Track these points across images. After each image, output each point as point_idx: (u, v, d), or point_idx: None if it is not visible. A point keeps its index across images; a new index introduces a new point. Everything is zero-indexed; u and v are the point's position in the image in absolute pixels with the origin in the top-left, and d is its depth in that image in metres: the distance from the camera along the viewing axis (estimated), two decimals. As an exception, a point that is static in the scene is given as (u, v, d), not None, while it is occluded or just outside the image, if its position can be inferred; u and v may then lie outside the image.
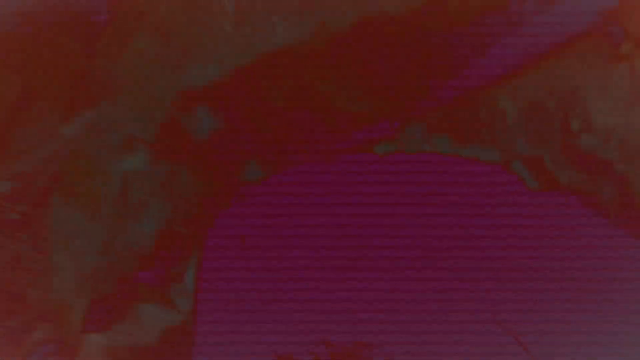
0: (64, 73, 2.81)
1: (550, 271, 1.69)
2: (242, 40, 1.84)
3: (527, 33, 1.58)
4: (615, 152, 1.50)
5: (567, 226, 1.61)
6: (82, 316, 1.97)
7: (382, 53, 1.67)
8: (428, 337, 2.02)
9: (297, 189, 2.28)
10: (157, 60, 2.19)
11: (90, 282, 2.06)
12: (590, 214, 1.59)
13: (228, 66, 1.88)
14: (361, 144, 2.03)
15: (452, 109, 1.73)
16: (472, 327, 1.97)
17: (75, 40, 2.88)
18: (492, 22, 1.54)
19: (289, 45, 1.76)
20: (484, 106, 1.66)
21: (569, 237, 1.61)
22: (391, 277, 2.05)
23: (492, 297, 1.93)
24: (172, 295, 2.43)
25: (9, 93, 2.67)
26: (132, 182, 2.11)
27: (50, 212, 2.36)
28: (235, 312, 2.40)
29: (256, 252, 2.46)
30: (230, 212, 2.49)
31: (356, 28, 1.62)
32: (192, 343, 2.35)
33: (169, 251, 2.39)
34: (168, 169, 2.25)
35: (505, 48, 1.61)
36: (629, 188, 1.52)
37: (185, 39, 2.04)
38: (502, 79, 1.66)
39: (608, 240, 1.57)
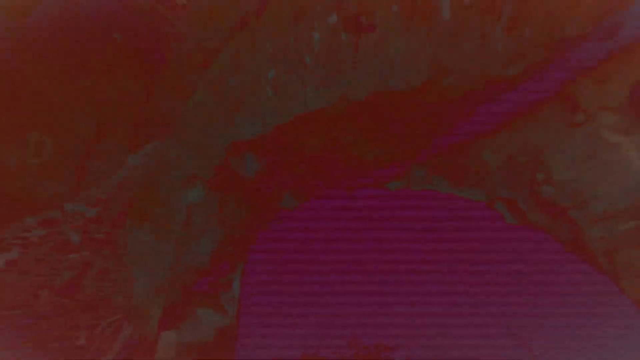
0: (127, 111, 3.42)
1: (520, 278, 2.13)
2: (281, 104, 2.35)
3: (503, 100, 2.01)
4: (569, 201, 1.92)
5: (535, 250, 2.04)
6: (157, 318, 2.49)
7: (391, 116, 2.15)
8: (429, 330, 2.47)
9: (325, 214, 2.79)
10: (213, 112, 2.72)
11: (162, 291, 2.60)
12: (551, 243, 2.02)
13: (270, 123, 2.38)
14: (377, 181, 2.52)
15: (448, 158, 2.20)
16: (469, 321, 2.42)
17: (135, 80, 3.50)
18: (473, 95, 1.98)
19: (318, 109, 2.25)
20: (471, 157, 2.11)
21: (537, 258, 2.05)
22: (407, 287, 2.52)
23: (487, 298, 2.38)
24: (222, 301, 2.95)
25: (86, 130, 3.29)
26: (194, 212, 2.63)
27: (126, 233, 2.91)
28: (270, 315, 2.96)
29: (290, 265, 2.97)
30: (269, 233, 3.00)
31: (370, 97, 2.10)
32: (236, 339, 2.88)
33: (220, 266, 2.90)
34: (220, 201, 2.75)
35: (486, 114, 2.05)
36: (579, 227, 1.94)
37: (236, 99, 2.56)
38: (485, 137, 2.11)
39: (564, 262, 2.00)
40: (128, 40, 3.63)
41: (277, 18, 2.55)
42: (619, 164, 1.79)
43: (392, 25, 2.02)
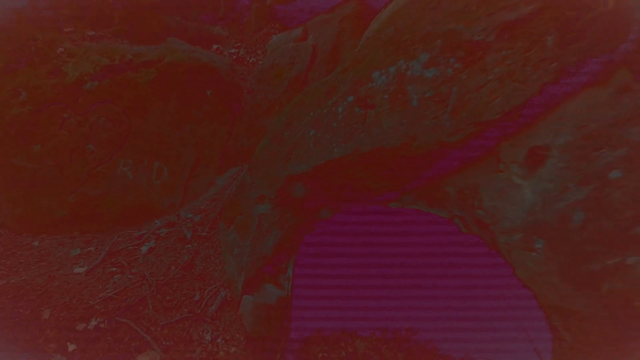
0: (216, 146, 4.87)
1: (468, 271, 3.26)
2: (318, 152, 3.63)
3: (451, 158, 3.16)
4: (490, 220, 3.03)
5: (474, 245, 3.16)
6: (241, 287, 3.89)
7: (387, 162, 3.38)
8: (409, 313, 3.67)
9: (349, 221, 4.04)
10: (276, 153, 4.05)
11: (243, 271, 3.99)
12: (482, 245, 3.15)
13: (312, 164, 3.67)
14: (382, 201, 3.75)
15: (424, 189, 3.39)
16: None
17: (221, 123, 4.95)
18: (433, 152, 3.14)
19: (341, 156, 3.51)
20: (438, 189, 3.28)
21: (474, 252, 3.17)
22: (409, 281, 3.70)
23: (458, 293, 3.54)
24: (280, 280, 4.31)
25: (188, 160, 4.78)
26: (263, 219, 4.00)
27: (219, 232, 4.33)
28: (315, 292, 4.32)
29: (326, 258, 4.25)
30: (312, 235, 4.31)
31: (373, 150, 3.34)
32: (290, 307, 4.21)
33: (279, 256, 4.26)
34: (280, 213, 4.10)
35: (444, 163, 3.21)
36: (494, 235, 3.05)
37: (290, 146, 3.87)
38: (445, 178, 3.29)
39: (487, 255, 3.12)
40: (216, 94, 5.10)
41: (315, 94, 3.85)
42: (519, 198, 2.90)
43: (384, 106, 3.26)
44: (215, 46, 5.78)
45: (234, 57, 5.67)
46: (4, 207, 4.41)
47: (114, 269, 3.88)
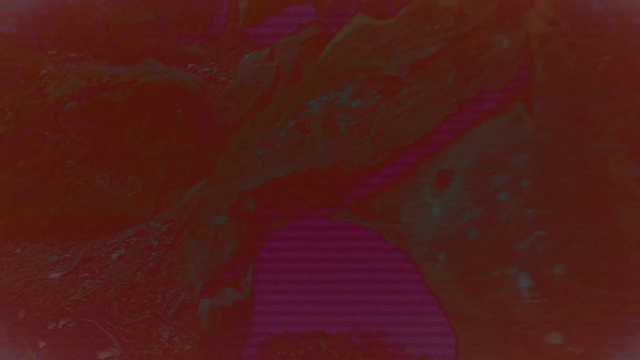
0: (186, 161, 5.29)
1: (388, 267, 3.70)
2: (265, 171, 4.03)
3: (377, 178, 3.58)
4: (407, 233, 3.43)
5: (392, 250, 3.60)
6: (200, 290, 4.31)
7: (325, 181, 3.77)
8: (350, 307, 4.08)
9: (300, 232, 4.44)
10: (231, 169, 4.46)
11: (202, 276, 4.40)
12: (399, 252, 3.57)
13: (259, 182, 4.07)
14: (327, 214, 4.15)
15: (356, 205, 3.80)
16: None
17: (191, 140, 5.38)
18: (357, 174, 3.55)
19: (283, 175, 3.90)
20: (367, 207, 3.69)
21: (394, 257, 3.60)
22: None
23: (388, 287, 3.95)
24: (241, 285, 4.73)
25: (161, 174, 5.20)
26: (220, 230, 4.42)
27: (184, 241, 4.74)
28: (275, 296, 4.73)
29: (280, 264, 4.65)
30: (268, 243, 4.73)
31: (310, 170, 3.73)
32: (251, 308, 4.61)
33: (237, 263, 4.68)
34: (236, 224, 4.53)
35: (369, 186, 3.63)
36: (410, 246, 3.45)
37: (244, 163, 4.28)
38: (370, 197, 3.70)
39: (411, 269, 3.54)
40: (186, 113, 5.52)
41: (266, 117, 4.27)
42: (429, 215, 3.29)
43: (318, 132, 3.66)
44: (190, 65, 6.22)
45: (207, 75, 6.10)
46: (-10, 218, 4.87)
47: (85, 274, 4.32)
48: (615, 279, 2.71)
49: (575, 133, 2.95)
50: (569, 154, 2.91)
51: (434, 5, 3.55)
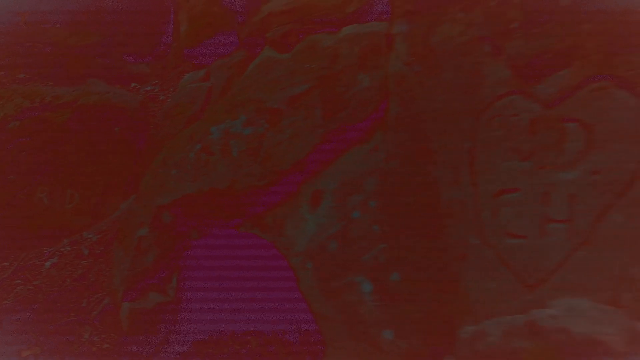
0: (122, 176, 5.74)
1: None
2: (178, 188, 4.51)
3: (268, 196, 4.11)
4: (290, 250, 3.96)
5: (284, 270, 4.16)
6: (122, 295, 4.78)
7: (222, 201, 4.26)
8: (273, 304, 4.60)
9: (214, 241, 4.93)
10: (152, 185, 4.94)
11: (125, 282, 4.87)
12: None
13: (172, 197, 4.54)
14: (233, 226, 4.64)
15: (256, 219, 4.30)
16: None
17: (127, 156, 5.83)
18: (253, 192, 4.06)
19: (191, 193, 4.39)
20: (264, 220, 4.21)
21: (284, 272, 4.17)
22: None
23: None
24: (167, 289, 5.21)
25: (98, 189, 5.63)
26: (142, 241, 4.90)
27: (112, 251, 5.19)
28: (197, 300, 5.21)
29: (200, 271, 5.12)
30: (190, 251, 5.22)
31: (211, 189, 4.21)
32: (177, 310, 5.08)
33: (161, 269, 5.16)
34: (158, 235, 5.01)
35: (262, 204, 4.15)
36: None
37: (162, 182, 4.76)
38: (266, 212, 4.22)
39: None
40: (123, 131, 5.97)
41: (182, 139, 4.74)
42: (306, 229, 3.83)
43: (218, 155, 4.15)
44: (132, 84, 6.68)
45: (149, 94, 6.57)
46: (-64, 229, 5.30)
47: (19, 281, 4.77)
48: (439, 285, 3.24)
49: (417, 160, 3.48)
50: (410, 178, 3.45)
51: (318, 45, 4.08)
